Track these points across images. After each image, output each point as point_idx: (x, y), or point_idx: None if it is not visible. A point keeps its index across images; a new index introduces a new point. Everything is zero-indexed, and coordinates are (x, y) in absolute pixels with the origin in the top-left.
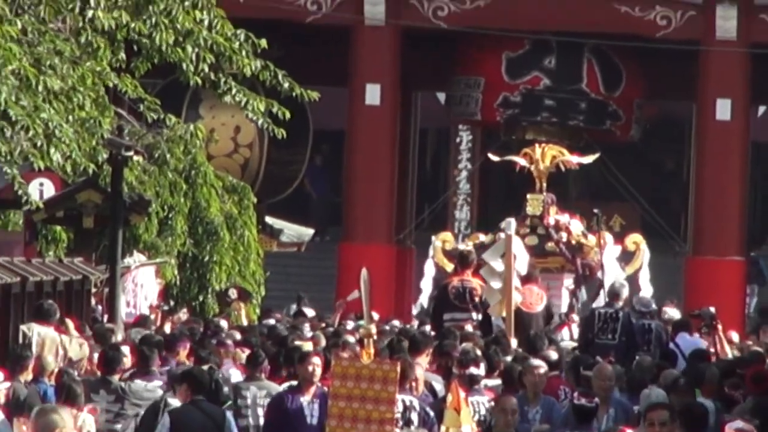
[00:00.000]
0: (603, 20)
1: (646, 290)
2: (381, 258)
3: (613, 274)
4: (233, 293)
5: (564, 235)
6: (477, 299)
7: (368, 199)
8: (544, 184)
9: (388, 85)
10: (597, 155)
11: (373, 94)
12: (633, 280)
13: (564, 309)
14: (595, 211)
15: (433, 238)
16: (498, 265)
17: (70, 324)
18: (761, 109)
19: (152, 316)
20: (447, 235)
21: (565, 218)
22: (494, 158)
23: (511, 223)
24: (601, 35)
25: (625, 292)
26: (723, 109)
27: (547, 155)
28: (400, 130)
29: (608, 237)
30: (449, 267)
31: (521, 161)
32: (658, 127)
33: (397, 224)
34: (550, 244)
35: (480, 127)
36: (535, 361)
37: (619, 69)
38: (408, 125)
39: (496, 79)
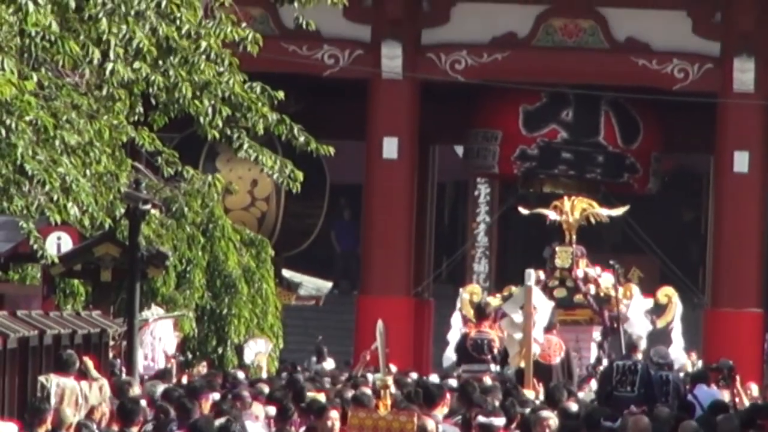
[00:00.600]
0: (620, 73)
1: (678, 343)
2: (399, 310)
3: (638, 326)
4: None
5: (592, 287)
6: (495, 351)
7: (386, 251)
8: (574, 237)
9: (406, 139)
10: (626, 207)
11: (390, 148)
12: (665, 332)
13: (592, 361)
14: (612, 262)
15: (461, 290)
16: (518, 316)
17: (90, 363)
18: None
19: (169, 366)
20: (475, 288)
21: (595, 271)
22: (524, 211)
23: (531, 275)
24: (619, 88)
25: (643, 344)
26: (741, 162)
27: (576, 208)
28: (417, 183)
29: (635, 289)
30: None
31: (551, 214)
32: (675, 179)
33: (415, 277)
34: (578, 296)
35: (497, 179)
36: (545, 413)
37: (636, 122)
38: (426, 178)
39: (513, 132)
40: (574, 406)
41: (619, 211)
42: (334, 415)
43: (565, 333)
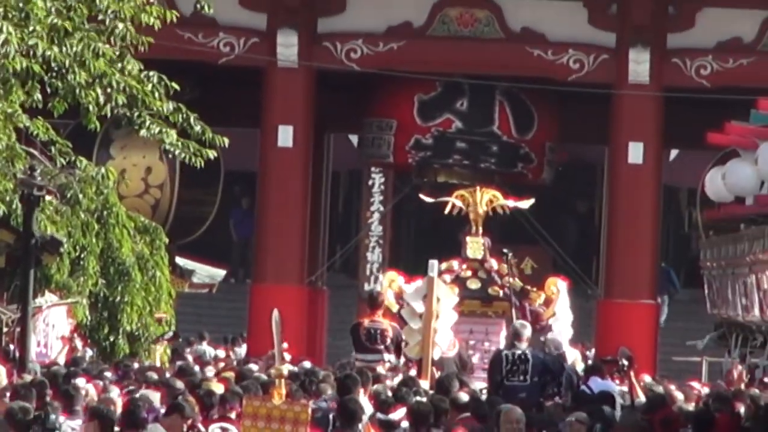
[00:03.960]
0: (515, 63)
1: (564, 335)
2: (293, 299)
3: (566, 321)
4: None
5: (509, 280)
6: (388, 340)
7: (280, 240)
8: (480, 228)
9: (301, 127)
10: (532, 201)
11: (285, 136)
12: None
13: None
14: (505, 251)
15: (381, 277)
16: (419, 306)
17: None
18: (673, 153)
19: (61, 346)
20: (393, 275)
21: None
22: (427, 199)
23: (434, 266)
24: (514, 78)
25: (527, 333)
26: (635, 153)
27: (483, 198)
28: (312, 172)
29: (561, 283)
30: (395, 308)
31: (457, 203)
32: (570, 170)
33: (309, 265)
34: (493, 288)
35: (392, 169)
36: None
37: (531, 112)
38: (320, 167)
39: (408, 122)
40: (465, 396)
41: (525, 204)
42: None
43: (475, 325)
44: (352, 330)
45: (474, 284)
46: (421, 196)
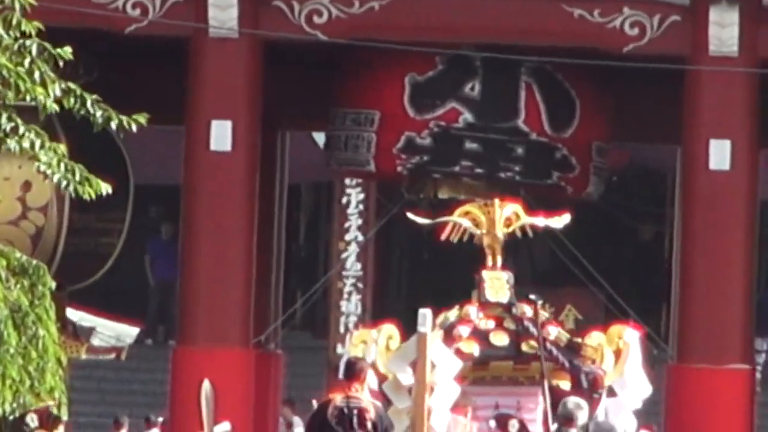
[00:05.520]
0: (548, 28)
1: (629, 407)
2: (233, 368)
3: (636, 388)
4: (33, 420)
5: (554, 331)
6: (369, 424)
7: (214, 285)
8: (499, 258)
9: (243, 123)
10: (568, 216)
11: (221, 136)
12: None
13: None
14: (533, 297)
15: (374, 332)
16: (406, 377)
17: None
18: None
19: None
20: (391, 329)
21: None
22: (419, 220)
23: (426, 317)
24: (546, 50)
25: (583, 416)
26: (720, 155)
27: (502, 216)
28: (260, 186)
29: (631, 333)
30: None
31: (463, 222)
32: (628, 180)
33: (256, 321)
34: (529, 344)
35: (374, 181)
36: None
37: (571, 99)
38: (272, 179)
39: (396, 113)
40: None
41: (560, 221)
42: None
43: (502, 397)
44: (317, 411)
45: (500, 339)
46: (410, 215)
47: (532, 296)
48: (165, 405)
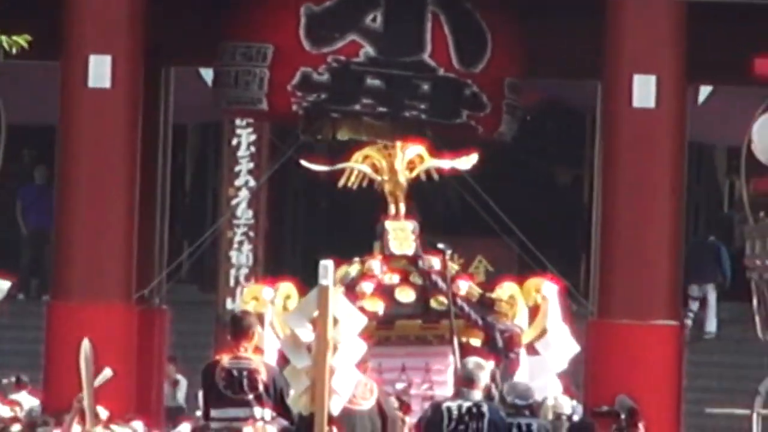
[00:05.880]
0: None
1: (552, 368)
2: (114, 324)
3: (561, 347)
4: None
5: (465, 285)
6: (261, 386)
7: (93, 234)
8: (402, 206)
9: (123, 58)
10: (475, 156)
11: (99, 71)
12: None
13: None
14: (441, 246)
15: (270, 291)
16: (305, 333)
17: None
18: (704, 92)
19: None
20: (288, 288)
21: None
22: (312, 167)
23: (328, 268)
24: None
25: (485, 377)
26: (644, 92)
27: (404, 159)
28: (143, 127)
29: (548, 287)
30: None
31: (362, 169)
32: (543, 120)
33: (139, 274)
34: (438, 299)
35: (267, 121)
36: None
37: (482, 31)
38: (155, 120)
39: (290, 47)
40: None
41: (468, 162)
42: None
43: (410, 358)
44: (205, 373)
45: (406, 295)
46: (304, 162)
47: (440, 245)
48: (39, 365)
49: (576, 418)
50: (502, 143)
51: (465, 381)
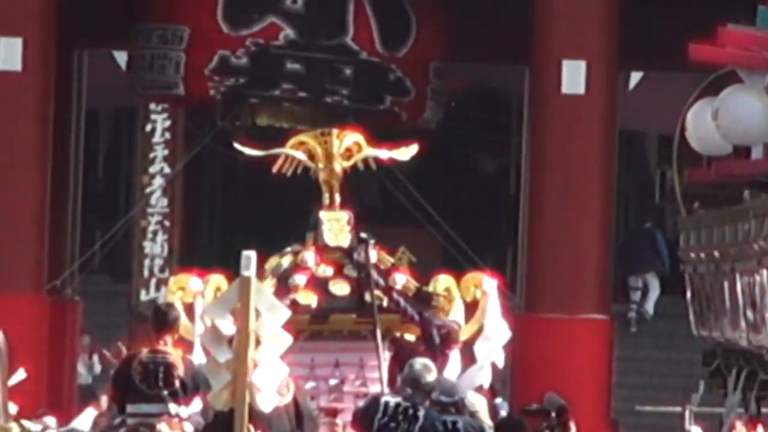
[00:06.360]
0: None
1: (484, 365)
2: (24, 315)
3: (496, 341)
4: None
5: (402, 278)
6: (177, 382)
7: (1, 224)
8: (337, 196)
9: (35, 40)
10: (415, 147)
11: (10, 54)
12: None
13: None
14: (363, 236)
15: (198, 282)
16: (227, 326)
17: None
18: (635, 78)
19: None
20: (219, 280)
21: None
22: (247, 151)
23: (250, 259)
24: None
25: (431, 377)
26: (573, 78)
27: (342, 147)
28: (54, 111)
29: (488, 282)
30: (192, 333)
31: (299, 155)
32: (469, 106)
33: (50, 263)
34: (374, 294)
35: (183, 106)
36: None
37: (406, 13)
38: (67, 104)
39: (207, 29)
40: None
41: (407, 152)
42: None
43: (343, 354)
44: (121, 366)
45: (340, 288)
46: (237, 145)
47: (363, 235)
48: None
49: (503, 413)
50: (427, 130)
51: (410, 382)
